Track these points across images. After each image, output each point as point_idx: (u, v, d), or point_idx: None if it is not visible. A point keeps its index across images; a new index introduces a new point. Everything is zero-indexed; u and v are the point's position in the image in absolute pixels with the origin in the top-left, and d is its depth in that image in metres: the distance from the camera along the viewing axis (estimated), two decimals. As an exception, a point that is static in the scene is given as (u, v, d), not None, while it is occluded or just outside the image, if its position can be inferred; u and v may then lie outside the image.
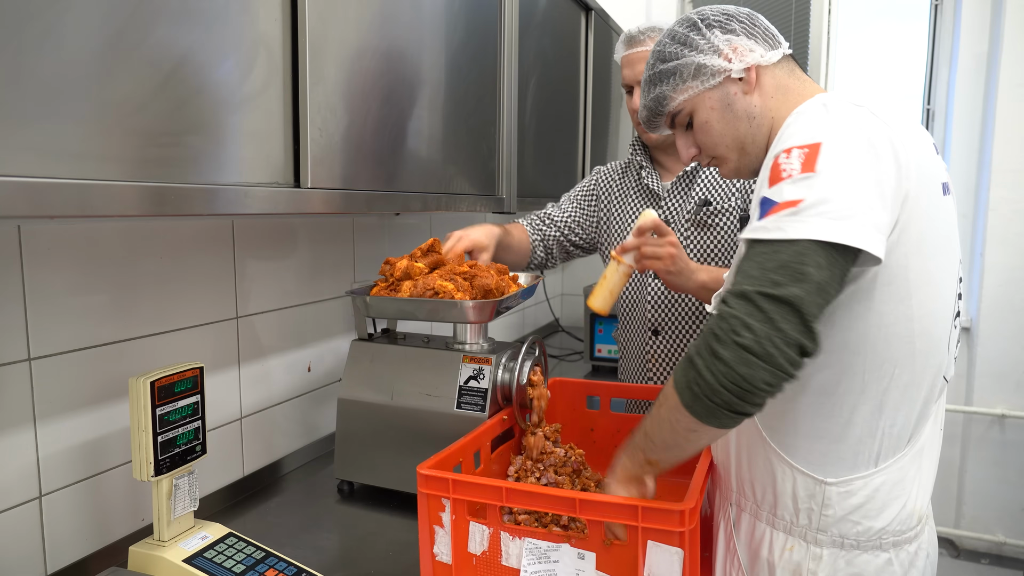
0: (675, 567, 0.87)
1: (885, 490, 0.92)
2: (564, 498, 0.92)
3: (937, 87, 3.22)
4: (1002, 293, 2.99)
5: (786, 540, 0.96)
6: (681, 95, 1.02)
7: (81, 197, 0.74)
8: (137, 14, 0.79)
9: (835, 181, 0.80)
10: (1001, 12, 2.90)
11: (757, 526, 1.00)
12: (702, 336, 0.81)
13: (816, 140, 0.83)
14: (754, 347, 0.75)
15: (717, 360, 0.77)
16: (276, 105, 1.02)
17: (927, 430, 0.95)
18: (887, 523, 0.93)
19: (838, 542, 0.93)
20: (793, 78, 1.02)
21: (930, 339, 0.90)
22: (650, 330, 1.65)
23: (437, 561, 1.00)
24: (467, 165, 1.61)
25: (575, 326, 3.18)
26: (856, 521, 0.93)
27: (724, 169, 1.06)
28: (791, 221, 0.79)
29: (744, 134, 1.01)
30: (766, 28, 1.03)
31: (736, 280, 0.81)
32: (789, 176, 0.82)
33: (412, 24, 1.33)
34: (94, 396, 1.15)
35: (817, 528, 0.94)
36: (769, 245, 0.80)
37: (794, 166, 0.82)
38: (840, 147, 0.82)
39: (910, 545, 0.95)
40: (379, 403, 1.40)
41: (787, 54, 1.03)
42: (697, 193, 1.57)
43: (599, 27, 2.41)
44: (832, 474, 0.93)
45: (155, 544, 1.07)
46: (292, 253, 1.58)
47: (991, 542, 3.12)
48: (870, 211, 0.80)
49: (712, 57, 1.00)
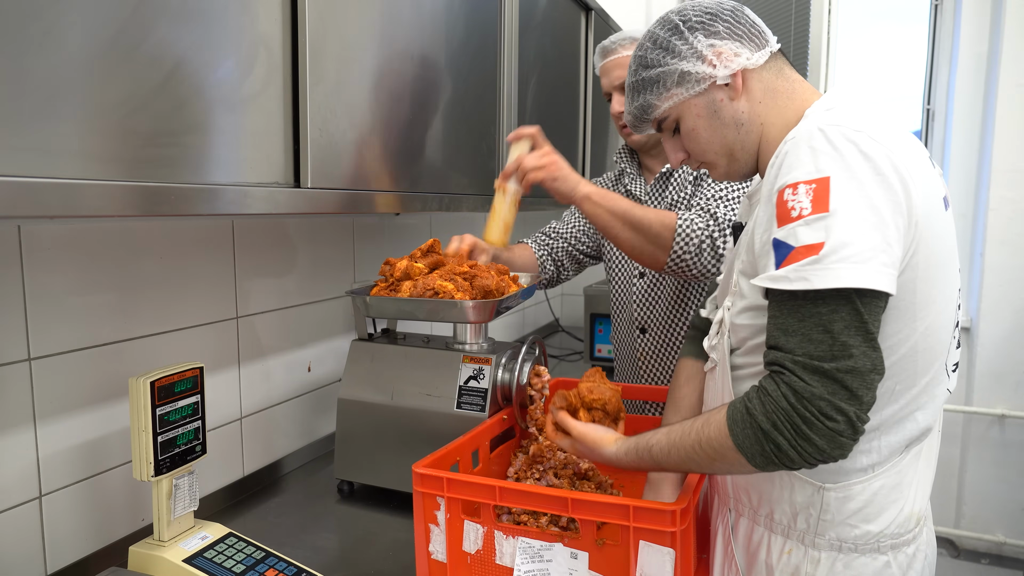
0: (667, 567, 0.87)
1: (883, 494, 0.92)
2: (556, 497, 0.92)
3: (937, 87, 3.22)
4: (1002, 293, 2.99)
5: (784, 543, 0.96)
6: (666, 103, 1.00)
7: (81, 197, 0.74)
8: (137, 14, 0.79)
9: (851, 221, 0.78)
10: (1001, 12, 2.90)
11: (755, 530, 1.00)
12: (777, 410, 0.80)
13: (824, 174, 0.80)
14: (846, 430, 0.78)
15: (806, 442, 0.78)
16: (276, 105, 1.02)
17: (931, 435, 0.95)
18: (885, 526, 0.92)
19: (836, 545, 0.93)
20: (782, 79, 0.98)
21: (931, 354, 0.90)
22: (638, 328, 1.69)
23: (432, 559, 1.01)
24: (467, 165, 1.61)
25: (575, 326, 3.18)
26: (854, 525, 0.92)
27: (714, 174, 1.04)
28: (815, 271, 0.77)
29: (732, 140, 0.99)
30: (752, 25, 0.98)
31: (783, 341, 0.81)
32: (800, 216, 0.79)
33: (412, 24, 1.33)
34: (94, 396, 1.15)
35: (815, 532, 0.94)
36: (803, 300, 0.79)
37: (804, 204, 0.79)
38: (850, 182, 0.79)
39: (908, 547, 0.94)
40: (379, 403, 1.40)
41: (774, 52, 0.98)
42: (670, 195, 1.60)
43: (599, 27, 2.41)
44: (830, 480, 0.92)
45: (155, 544, 1.07)
46: (292, 253, 1.58)
47: (991, 542, 3.12)
48: (888, 248, 0.79)
49: (696, 63, 0.96)
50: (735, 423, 0.84)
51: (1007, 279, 2.98)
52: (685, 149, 1.04)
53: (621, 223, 1.35)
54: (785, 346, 0.81)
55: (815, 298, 0.79)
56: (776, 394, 0.80)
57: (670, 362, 1.65)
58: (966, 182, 3.13)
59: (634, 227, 1.35)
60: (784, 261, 0.80)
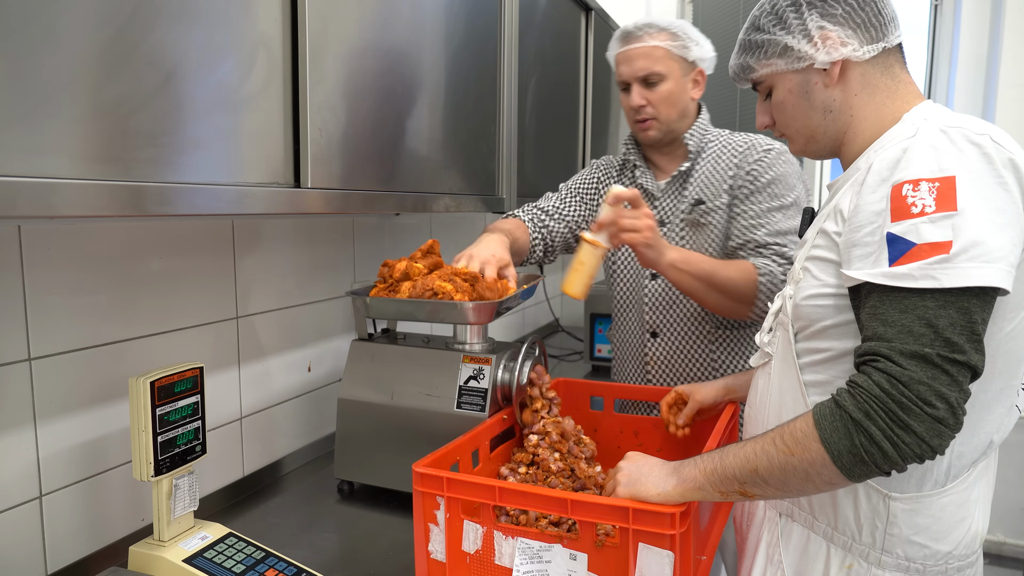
0: (666, 570, 0.87)
1: (951, 511, 0.88)
2: (556, 498, 0.92)
3: (937, 87, 3.22)
4: (1002, 293, 2.99)
5: (844, 557, 0.92)
6: (764, 69, 1.00)
7: (81, 197, 0.74)
8: (137, 14, 0.79)
9: (980, 221, 0.76)
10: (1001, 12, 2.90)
11: (812, 539, 0.95)
12: (870, 399, 0.76)
13: (949, 173, 0.78)
14: (948, 418, 0.74)
15: (904, 431, 0.74)
16: (276, 105, 1.02)
17: (994, 451, 0.93)
18: (954, 547, 0.89)
19: (903, 566, 0.89)
20: (887, 76, 0.95)
21: (1011, 358, 0.87)
22: (648, 332, 1.65)
23: (432, 559, 1.01)
24: (467, 165, 1.61)
25: (575, 326, 3.18)
26: (923, 544, 0.88)
27: (792, 147, 1.05)
28: (943, 269, 0.76)
29: (816, 125, 0.98)
30: (876, 15, 0.93)
31: (882, 331, 0.78)
32: (923, 212, 0.77)
33: (412, 24, 1.33)
34: (94, 396, 1.15)
35: (881, 548, 0.89)
36: (923, 296, 0.77)
37: (927, 201, 0.77)
38: (975, 181, 0.78)
39: (970, 570, 0.91)
40: (379, 403, 1.40)
41: (890, 47, 0.95)
42: (691, 193, 1.57)
43: (599, 27, 2.42)
44: (899, 488, 0.88)
45: (155, 544, 1.07)
46: (292, 253, 1.58)
47: (991, 542, 3.12)
48: (1014, 249, 0.78)
49: (801, 41, 0.95)
50: (823, 417, 0.79)
51: (1007, 279, 2.98)
52: (772, 116, 1.04)
53: (706, 287, 1.37)
54: (883, 335, 0.78)
55: (922, 292, 0.77)
56: (868, 383, 0.76)
57: (682, 367, 1.62)
58: (966, 182, 3.13)
59: (719, 289, 1.37)
60: (903, 258, 0.77)
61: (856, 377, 0.79)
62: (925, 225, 0.77)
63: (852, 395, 0.78)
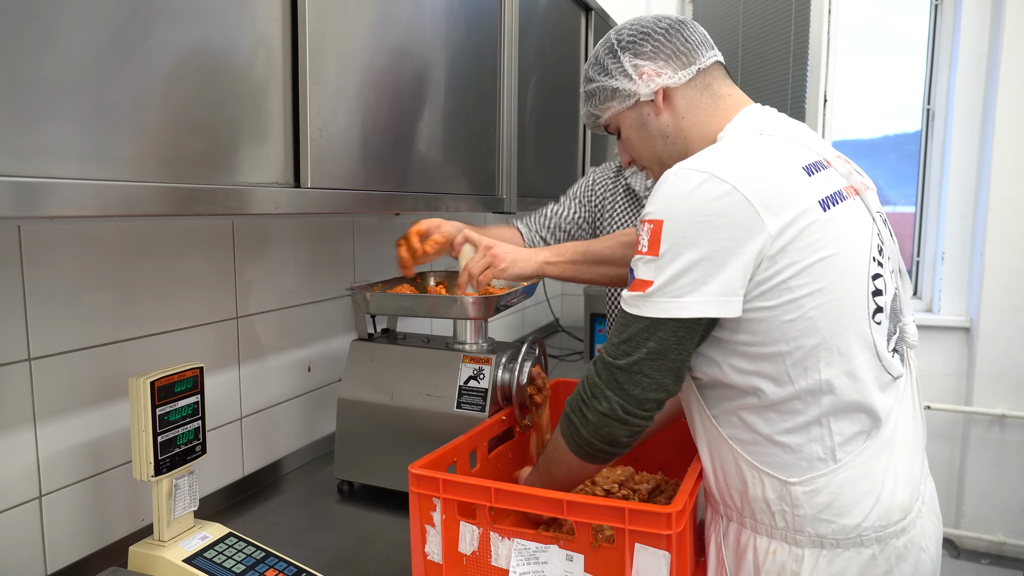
0: (662, 570, 0.87)
1: (851, 485, 0.92)
2: (552, 499, 0.92)
3: (937, 87, 3.21)
4: (1002, 293, 2.99)
5: (769, 544, 0.96)
6: (605, 113, 1.11)
7: (81, 197, 0.74)
8: (137, 14, 0.79)
9: (674, 265, 0.88)
10: (1001, 12, 2.89)
11: (743, 533, 1.00)
12: (576, 394, 0.97)
13: (659, 217, 0.90)
14: (610, 413, 0.92)
15: (586, 420, 0.95)
16: (276, 105, 1.02)
17: (890, 423, 0.94)
18: (861, 519, 0.92)
19: (817, 541, 0.93)
20: (707, 95, 1.05)
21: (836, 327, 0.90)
22: None
23: (428, 560, 1.01)
24: (467, 165, 1.61)
25: (575, 326, 3.18)
26: (829, 520, 0.92)
27: (652, 176, 1.15)
28: (642, 302, 0.91)
29: (660, 151, 1.09)
30: (683, 43, 1.05)
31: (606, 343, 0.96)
32: (640, 252, 0.91)
33: (412, 24, 1.33)
34: (94, 396, 1.15)
35: (795, 529, 0.94)
36: (628, 317, 0.93)
37: (643, 243, 0.91)
38: (678, 226, 0.88)
39: (897, 540, 0.94)
40: (379, 403, 1.40)
41: (704, 68, 1.05)
42: None
43: (599, 27, 2.42)
44: (793, 474, 0.93)
45: (155, 544, 1.07)
46: (292, 253, 1.59)
47: (991, 542, 3.12)
48: (710, 280, 0.87)
49: (623, 81, 1.06)
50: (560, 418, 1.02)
51: (1007, 279, 2.98)
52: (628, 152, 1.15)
53: (587, 264, 1.34)
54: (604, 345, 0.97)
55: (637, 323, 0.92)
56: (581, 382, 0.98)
57: None
58: (966, 182, 3.13)
59: (599, 260, 1.34)
60: (629, 286, 0.94)
61: None
62: (640, 264, 0.92)
63: None
